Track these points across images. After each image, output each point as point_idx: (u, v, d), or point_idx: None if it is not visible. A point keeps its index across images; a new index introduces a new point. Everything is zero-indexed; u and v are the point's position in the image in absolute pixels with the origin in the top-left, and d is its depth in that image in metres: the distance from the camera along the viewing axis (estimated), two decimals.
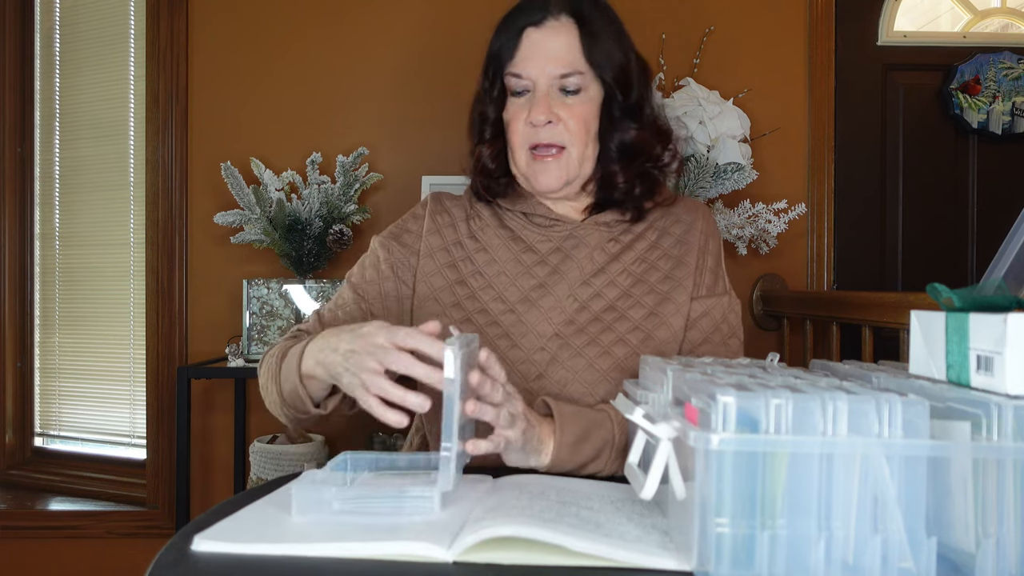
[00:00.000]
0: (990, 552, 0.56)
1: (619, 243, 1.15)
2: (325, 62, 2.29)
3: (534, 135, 1.10)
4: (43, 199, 2.56)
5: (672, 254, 1.15)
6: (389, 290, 1.15)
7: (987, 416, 0.57)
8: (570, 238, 1.15)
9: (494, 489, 0.82)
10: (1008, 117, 2.42)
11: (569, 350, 1.08)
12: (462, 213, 1.20)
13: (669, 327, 1.10)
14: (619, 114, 1.13)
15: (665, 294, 1.12)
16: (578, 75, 1.09)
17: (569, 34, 1.10)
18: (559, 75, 1.09)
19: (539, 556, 0.64)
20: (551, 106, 1.09)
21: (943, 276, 1.75)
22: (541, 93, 1.09)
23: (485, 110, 1.17)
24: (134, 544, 2.28)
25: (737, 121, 2.02)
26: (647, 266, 1.14)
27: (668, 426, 0.65)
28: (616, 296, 1.11)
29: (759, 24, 2.29)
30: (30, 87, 2.55)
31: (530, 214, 1.17)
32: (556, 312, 1.09)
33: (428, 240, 1.17)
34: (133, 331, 2.42)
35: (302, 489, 0.73)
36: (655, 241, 1.16)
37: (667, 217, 1.18)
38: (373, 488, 0.75)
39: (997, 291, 0.64)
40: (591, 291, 1.11)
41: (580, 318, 1.09)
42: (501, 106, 1.15)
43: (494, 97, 1.15)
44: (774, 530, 0.56)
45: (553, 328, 1.09)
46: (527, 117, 1.10)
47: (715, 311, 1.13)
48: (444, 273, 1.14)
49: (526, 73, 1.10)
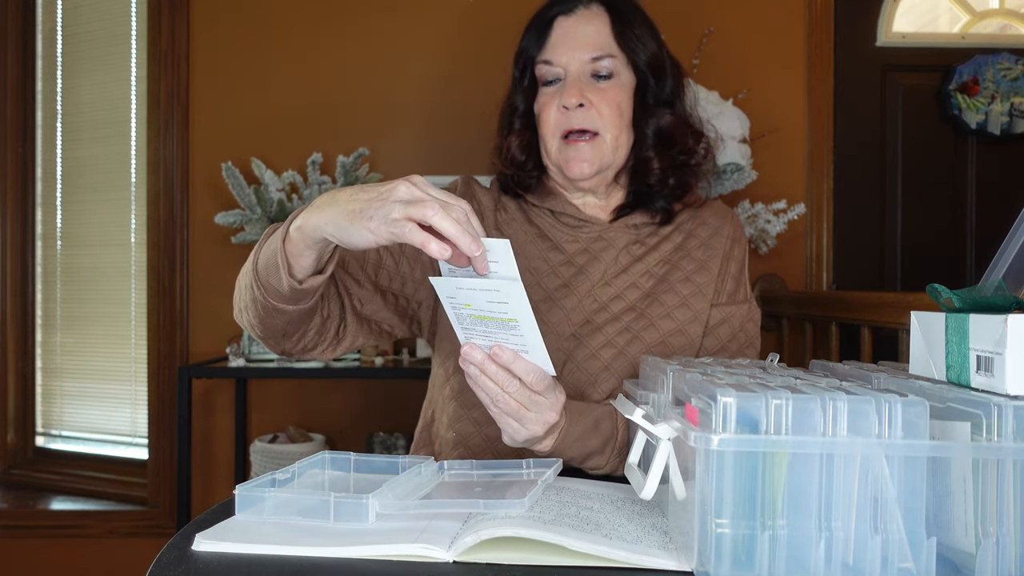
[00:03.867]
0: (990, 552, 0.56)
1: (644, 245, 1.13)
2: (326, 62, 2.29)
3: (566, 120, 1.07)
4: (45, 199, 2.56)
5: (696, 257, 1.13)
6: (409, 250, 1.09)
7: (987, 416, 0.57)
8: (599, 240, 1.12)
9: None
10: (1006, 117, 2.43)
11: (585, 350, 1.06)
12: (491, 203, 1.16)
13: (686, 334, 1.08)
14: (653, 101, 1.11)
15: (685, 299, 1.09)
16: (610, 58, 1.08)
17: (600, 20, 1.09)
18: (591, 58, 1.07)
19: (539, 556, 0.64)
20: (583, 90, 1.07)
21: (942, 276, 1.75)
22: (573, 78, 1.08)
23: (515, 101, 1.15)
24: (135, 543, 2.28)
25: (736, 121, 2.02)
26: (670, 268, 1.11)
27: (668, 426, 0.65)
28: (637, 298, 1.09)
29: (759, 25, 2.29)
30: (32, 88, 2.55)
31: (558, 212, 1.14)
32: (576, 312, 1.08)
33: None
34: (134, 331, 2.42)
35: (243, 488, 0.73)
36: (680, 243, 1.14)
37: (694, 220, 1.16)
38: (313, 492, 0.75)
39: (997, 291, 0.64)
40: (612, 292, 1.09)
41: (598, 318, 1.07)
42: (531, 97, 1.13)
43: (524, 87, 1.13)
44: (774, 530, 0.56)
45: (571, 328, 1.07)
46: (559, 102, 1.07)
47: (734, 319, 1.11)
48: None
49: (556, 60, 1.08)
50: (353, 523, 0.70)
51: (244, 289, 0.95)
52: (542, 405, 0.84)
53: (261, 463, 2.05)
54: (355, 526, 0.69)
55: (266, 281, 0.89)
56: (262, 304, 0.91)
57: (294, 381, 2.30)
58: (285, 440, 2.13)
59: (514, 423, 0.84)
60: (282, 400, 2.30)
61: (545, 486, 0.79)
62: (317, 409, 2.30)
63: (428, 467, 0.84)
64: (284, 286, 0.87)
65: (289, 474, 0.81)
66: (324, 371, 2.00)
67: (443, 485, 0.82)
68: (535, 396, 0.83)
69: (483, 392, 0.82)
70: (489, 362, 0.80)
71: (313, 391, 2.31)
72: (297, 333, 0.99)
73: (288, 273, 0.86)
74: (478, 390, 0.83)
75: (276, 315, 0.92)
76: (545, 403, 0.84)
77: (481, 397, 0.83)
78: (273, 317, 0.93)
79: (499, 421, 0.85)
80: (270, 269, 0.88)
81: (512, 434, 0.86)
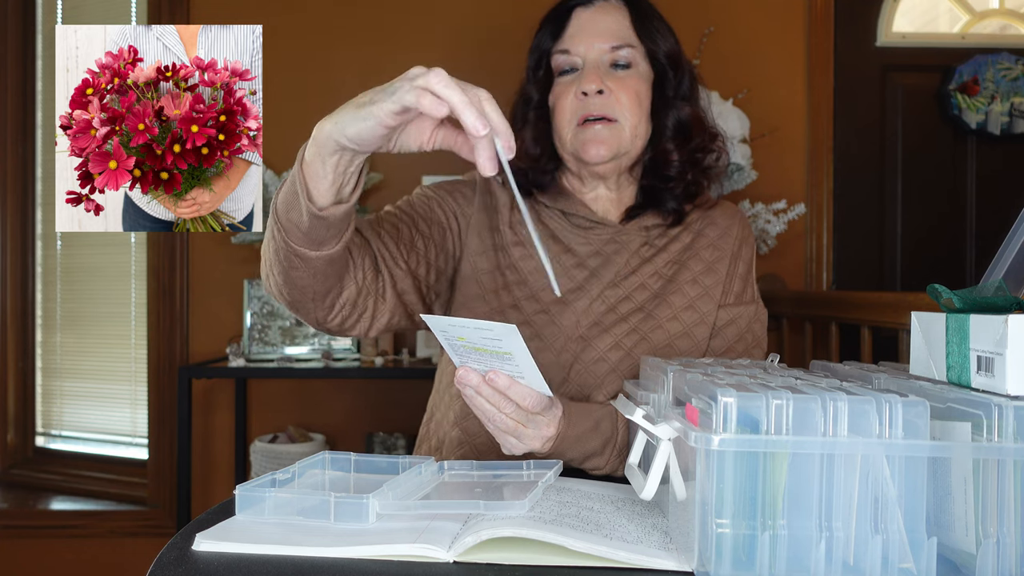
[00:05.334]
0: (990, 552, 0.56)
1: (653, 247, 1.12)
2: (324, 61, 2.29)
3: (583, 107, 1.05)
4: (44, 199, 2.56)
5: (704, 258, 1.12)
6: (436, 237, 1.07)
7: (987, 417, 0.57)
8: (612, 242, 1.11)
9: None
10: (1006, 117, 2.43)
11: (593, 352, 1.05)
12: (506, 200, 1.14)
13: (692, 337, 1.08)
14: (672, 94, 1.11)
15: (692, 301, 1.09)
16: (629, 48, 1.07)
17: (619, 12, 1.09)
18: (610, 47, 1.07)
19: (539, 556, 0.64)
20: (603, 78, 1.06)
21: (942, 276, 1.75)
22: (591, 66, 1.07)
23: (529, 93, 1.13)
24: (135, 543, 2.28)
25: (737, 122, 2.03)
26: (679, 268, 1.11)
27: (668, 426, 0.65)
28: (645, 299, 1.08)
29: (759, 25, 2.29)
30: (32, 88, 2.55)
31: (569, 214, 1.12)
32: (586, 314, 1.07)
33: (478, 216, 1.11)
34: (134, 331, 2.42)
35: (244, 488, 0.73)
36: (689, 243, 1.13)
37: (703, 219, 1.15)
38: (314, 492, 0.75)
39: (997, 292, 0.64)
40: (620, 293, 1.08)
41: (606, 320, 1.07)
42: (546, 89, 1.11)
43: (539, 78, 1.12)
44: (775, 530, 0.57)
45: (579, 331, 1.06)
46: (577, 89, 1.06)
47: (741, 320, 1.11)
48: (488, 255, 1.10)
49: (574, 49, 1.08)
50: (353, 523, 0.70)
51: (268, 243, 0.90)
52: (539, 423, 0.85)
53: (261, 463, 2.05)
54: (355, 526, 0.69)
55: (286, 220, 0.84)
56: (284, 252, 0.86)
57: (294, 381, 2.30)
58: (285, 440, 2.13)
59: (512, 439, 0.85)
60: (282, 400, 2.30)
61: (545, 487, 0.79)
62: (317, 409, 2.30)
63: (428, 467, 0.84)
64: (304, 219, 0.82)
65: (289, 474, 0.80)
66: (324, 371, 2.00)
67: (443, 486, 0.82)
68: (532, 416, 0.84)
69: (480, 412, 0.83)
70: (485, 385, 0.80)
71: (313, 391, 2.31)
72: (328, 296, 0.93)
73: (308, 198, 0.80)
74: (475, 409, 0.83)
75: (300, 265, 0.87)
76: (543, 420, 0.85)
77: (478, 415, 0.83)
78: (297, 268, 0.87)
79: (497, 438, 0.86)
80: (290, 203, 0.82)
81: (511, 448, 0.86)
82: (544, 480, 0.77)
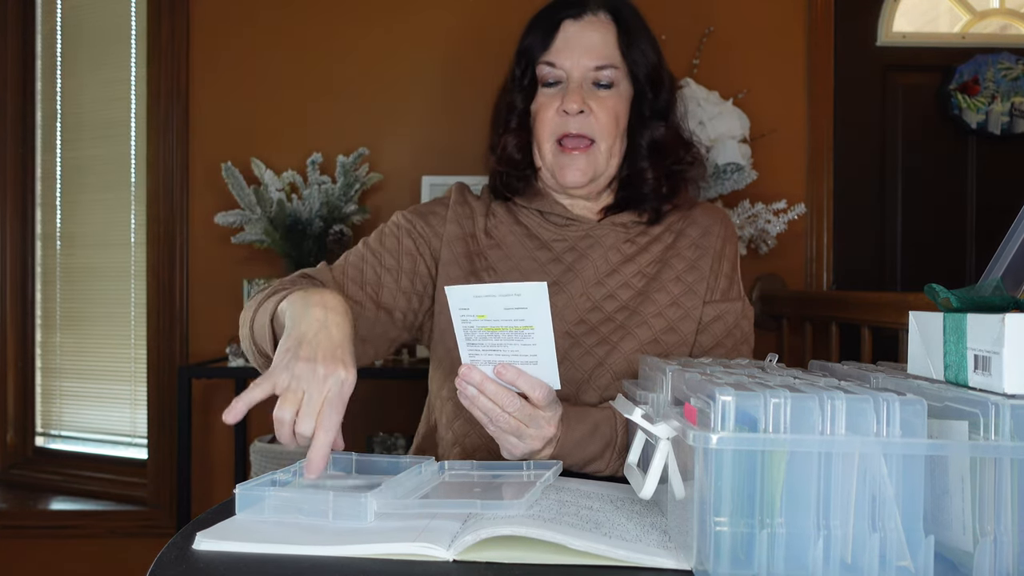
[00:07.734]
0: (987, 551, 0.56)
1: (635, 244, 1.14)
2: (326, 62, 2.29)
3: (563, 125, 1.09)
4: (44, 199, 2.57)
5: (686, 256, 1.14)
6: (406, 266, 1.12)
7: (984, 415, 0.57)
8: (586, 238, 1.14)
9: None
10: (1007, 117, 2.43)
11: (580, 348, 1.07)
12: (482, 208, 1.18)
13: (679, 331, 1.10)
14: (649, 113, 1.13)
15: (676, 297, 1.11)
16: (613, 69, 1.09)
17: (607, 29, 1.10)
18: (594, 67, 1.09)
19: (539, 555, 0.64)
20: (584, 97, 1.08)
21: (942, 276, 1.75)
22: (575, 83, 1.09)
23: (513, 99, 1.15)
24: (135, 543, 2.28)
25: (736, 122, 2.03)
26: (661, 267, 1.13)
27: (667, 426, 0.65)
28: (629, 297, 1.10)
29: (759, 25, 2.29)
30: (31, 87, 2.55)
31: (546, 212, 1.15)
32: (569, 311, 1.09)
33: (450, 228, 1.15)
34: (134, 331, 2.42)
35: (244, 488, 0.73)
36: (671, 244, 1.15)
37: (684, 220, 1.17)
38: (313, 491, 0.75)
39: (995, 291, 0.64)
40: (604, 291, 1.10)
41: (592, 318, 1.09)
42: (530, 97, 1.14)
43: (524, 87, 1.14)
44: (773, 529, 0.57)
45: (565, 327, 1.08)
46: (559, 106, 1.09)
47: (728, 316, 1.13)
48: (460, 263, 1.13)
49: (560, 63, 1.10)
50: (352, 522, 0.70)
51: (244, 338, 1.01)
52: (541, 421, 0.85)
53: (261, 463, 2.05)
54: (355, 525, 0.69)
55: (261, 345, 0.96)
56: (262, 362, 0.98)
57: None
58: None
59: (513, 439, 0.85)
60: None
61: (544, 487, 0.79)
62: None
63: (428, 467, 0.84)
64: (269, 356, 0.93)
65: (289, 474, 0.81)
66: None
67: (443, 485, 0.82)
68: (536, 412, 0.84)
69: (480, 412, 0.83)
70: (488, 382, 0.81)
71: None
72: None
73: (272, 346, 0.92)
74: (475, 410, 0.83)
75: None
76: (544, 418, 0.85)
77: (478, 416, 0.84)
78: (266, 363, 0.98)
79: (497, 438, 0.86)
80: (262, 337, 0.95)
81: (511, 449, 0.87)
82: (543, 480, 0.77)
